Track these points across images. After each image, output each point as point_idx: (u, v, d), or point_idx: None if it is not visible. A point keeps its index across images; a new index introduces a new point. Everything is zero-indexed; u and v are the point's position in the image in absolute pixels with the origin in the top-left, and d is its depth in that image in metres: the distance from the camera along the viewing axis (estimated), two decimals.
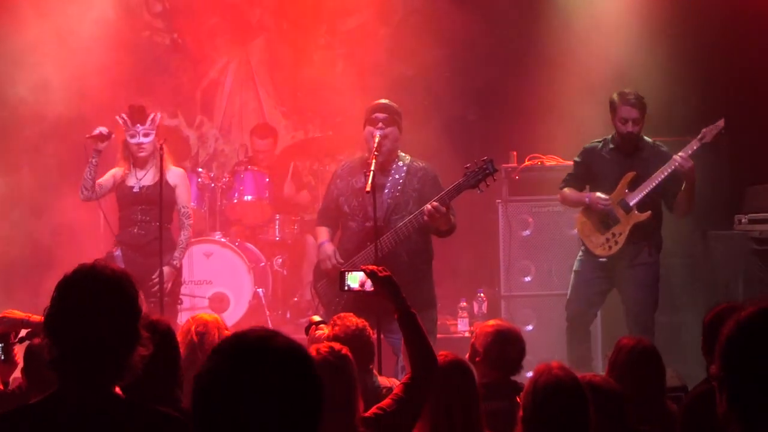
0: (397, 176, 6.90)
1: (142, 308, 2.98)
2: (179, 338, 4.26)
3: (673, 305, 8.46)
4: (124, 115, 7.60)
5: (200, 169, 9.85)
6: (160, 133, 7.77)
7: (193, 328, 4.97)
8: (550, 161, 8.75)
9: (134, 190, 7.66)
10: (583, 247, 7.71)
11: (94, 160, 7.52)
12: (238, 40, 10.91)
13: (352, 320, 5.03)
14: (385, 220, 6.75)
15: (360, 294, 4.19)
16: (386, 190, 6.85)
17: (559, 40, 9.53)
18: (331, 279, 6.83)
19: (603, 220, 7.52)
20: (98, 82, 9.28)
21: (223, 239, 9.39)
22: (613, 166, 7.55)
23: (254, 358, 2.13)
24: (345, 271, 4.17)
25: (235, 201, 9.62)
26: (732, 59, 9.17)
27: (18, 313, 4.31)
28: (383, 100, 7.01)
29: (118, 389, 2.94)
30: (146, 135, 7.61)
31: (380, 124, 6.80)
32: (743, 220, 8.34)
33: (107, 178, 7.71)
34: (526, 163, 8.78)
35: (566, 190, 7.76)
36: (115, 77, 9.58)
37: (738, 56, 9.15)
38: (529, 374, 3.74)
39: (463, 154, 8.86)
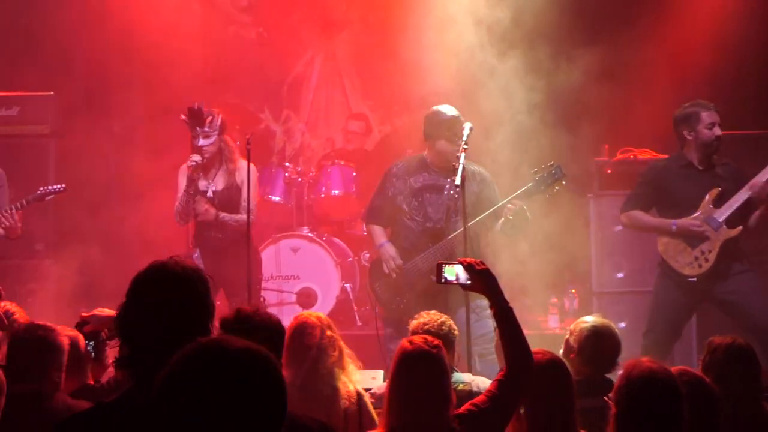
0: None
1: (214, 305, 2.94)
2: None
3: None
4: (183, 116, 7.52)
5: (287, 164, 9.83)
6: (230, 131, 7.73)
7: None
8: (644, 155, 8.53)
9: (208, 195, 7.61)
10: (664, 268, 7.42)
11: (191, 190, 7.48)
12: (324, 33, 10.87)
13: (440, 317, 5.00)
14: (446, 221, 6.86)
15: (455, 286, 4.23)
16: (445, 192, 6.90)
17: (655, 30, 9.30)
18: (389, 280, 7.02)
19: (689, 238, 7.24)
20: (184, 77, 9.28)
21: (310, 234, 9.37)
22: (692, 183, 7.30)
23: (211, 363, 2.02)
24: (443, 264, 4.19)
25: (323, 196, 9.58)
26: None
27: (107, 311, 4.29)
28: (453, 113, 6.89)
29: None
30: (206, 137, 7.49)
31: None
32: None
33: (181, 180, 7.63)
34: (619, 156, 8.58)
35: (636, 212, 7.47)
36: (201, 73, 9.58)
37: None
38: None
39: (554, 147, 8.67)
